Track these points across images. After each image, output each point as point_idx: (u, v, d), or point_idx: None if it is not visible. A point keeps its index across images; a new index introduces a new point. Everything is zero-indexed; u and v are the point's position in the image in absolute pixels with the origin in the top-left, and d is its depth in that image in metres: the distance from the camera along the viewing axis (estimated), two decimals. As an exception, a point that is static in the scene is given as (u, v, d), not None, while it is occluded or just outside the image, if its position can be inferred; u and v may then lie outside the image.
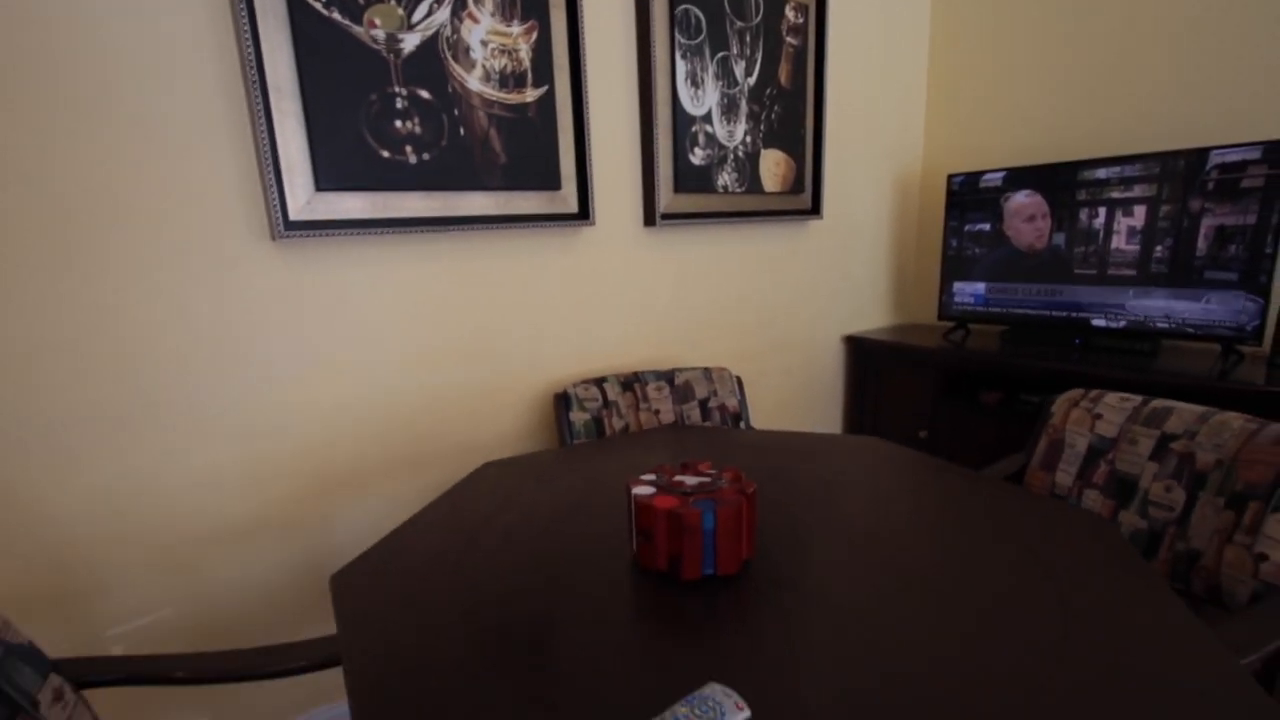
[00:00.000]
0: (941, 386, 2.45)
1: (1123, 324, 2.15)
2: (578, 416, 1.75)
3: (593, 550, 1.06)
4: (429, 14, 1.50)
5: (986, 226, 2.45)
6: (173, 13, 1.25)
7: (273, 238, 1.39)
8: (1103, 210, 2.16)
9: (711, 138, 2.09)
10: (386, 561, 1.03)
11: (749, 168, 2.21)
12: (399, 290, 1.60)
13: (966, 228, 2.51)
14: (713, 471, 1.07)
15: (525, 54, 1.66)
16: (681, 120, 2.01)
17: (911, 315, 2.98)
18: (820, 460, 1.40)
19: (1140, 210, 2.07)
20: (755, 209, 2.26)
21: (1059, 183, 2.25)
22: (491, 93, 1.62)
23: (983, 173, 2.42)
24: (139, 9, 1.23)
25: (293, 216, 1.40)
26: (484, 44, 1.59)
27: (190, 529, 1.41)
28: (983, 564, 0.97)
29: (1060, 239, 2.27)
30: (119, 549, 1.34)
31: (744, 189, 2.21)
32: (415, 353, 1.65)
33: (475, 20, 1.57)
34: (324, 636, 1.06)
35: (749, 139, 2.19)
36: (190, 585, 1.43)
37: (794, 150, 2.33)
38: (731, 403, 1.87)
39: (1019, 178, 2.34)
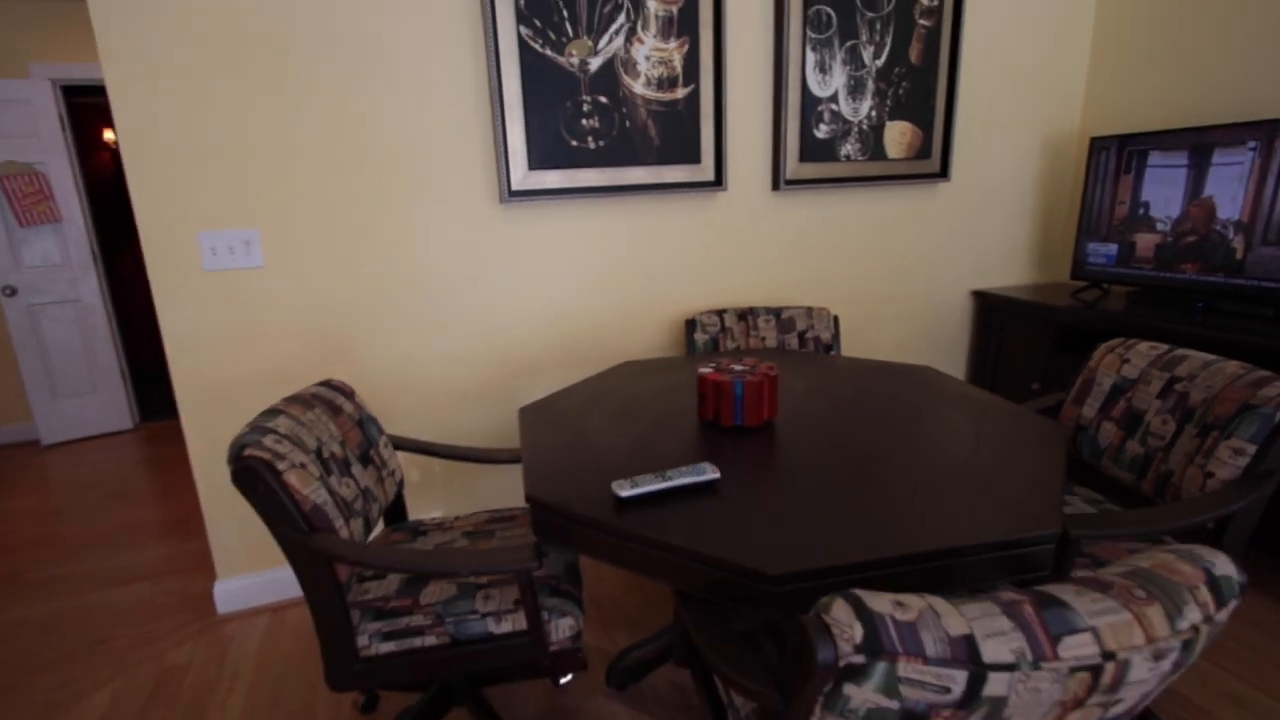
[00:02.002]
0: (1056, 342, 2.63)
1: (1246, 287, 2.20)
2: (699, 337, 2.33)
3: (679, 409, 1.66)
4: (609, 42, 2.12)
5: (1125, 188, 2.53)
6: (453, 60, 2.01)
7: (501, 201, 2.14)
8: (1240, 175, 2.20)
9: (836, 114, 2.49)
10: (550, 407, 1.73)
11: (873, 138, 2.56)
12: (579, 238, 2.29)
13: (1105, 189, 2.61)
14: (752, 363, 1.60)
15: (678, 62, 2.22)
16: (809, 102, 2.44)
17: (1053, 274, 3.08)
18: (864, 376, 1.85)
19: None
20: (878, 174, 2.61)
21: (1201, 146, 2.29)
22: (650, 94, 2.21)
23: (1128, 135, 2.50)
24: (442, 60, 2.00)
25: (514, 187, 2.14)
26: (647, 59, 2.18)
27: (443, 387, 2.26)
28: (942, 434, 1.41)
29: (1195, 203, 2.33)
30: (406, 395, 2.23)
31: (867, 157, 2.57)
32: (588, 282, 2.34)
33: (641, 42, 2.16)
34: (513, 448, 1.79)
35: (874, 113, 2.54)
36: (442, 418, 2.29)
37: (922, 120, 2.61)
38: (825, 335, 2.33)
39: (1159, 141, 2.40)
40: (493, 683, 1.76)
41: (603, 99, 2.16)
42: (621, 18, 2.12)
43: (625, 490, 1.19)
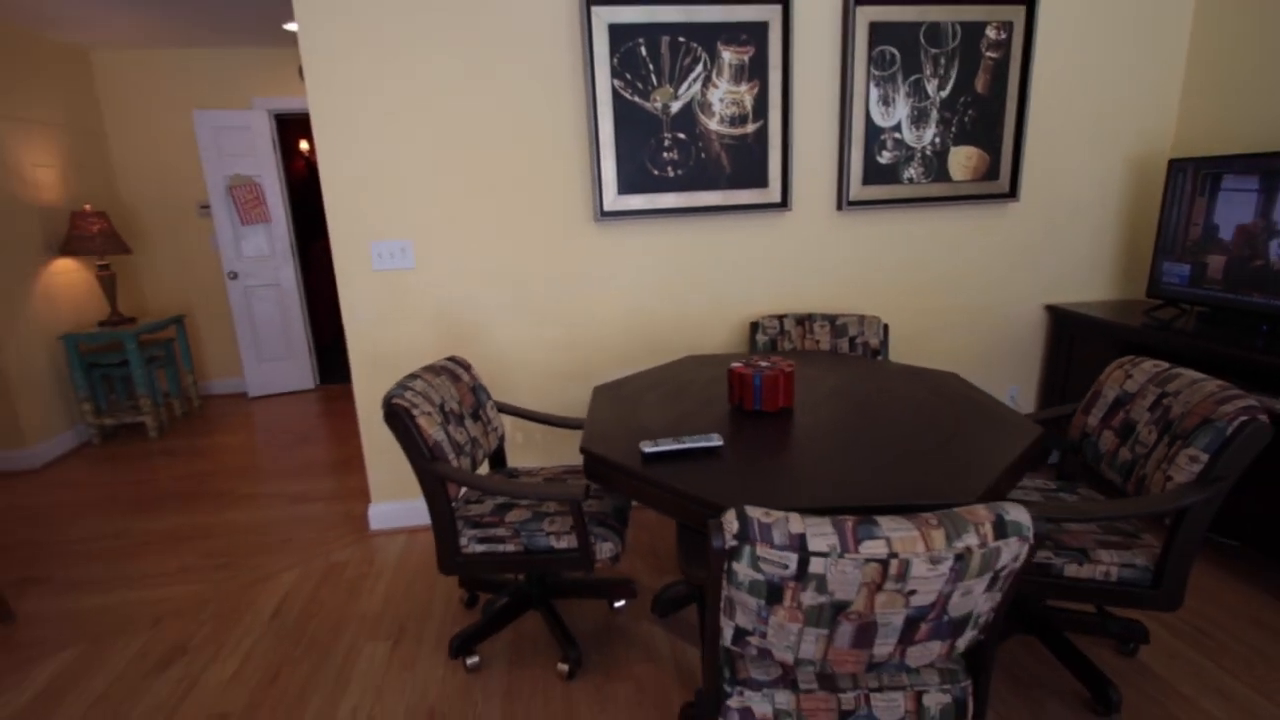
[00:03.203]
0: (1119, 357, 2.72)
1: (1302, 315, 2.23)
2: (760, 337, 2.69)
3: (718, 395, 2.05)
4: (688, 88, 2.53)
5: (1199, 210, 2.58)
6: (562, 108, 2.51)
7: (595, 220, 2.62)
8: (1300, 203, 2.23)
9: (899, 142, 2.73)
10: (618, 387, 2.18)
11: (936, 163, 2.78)
12: (659, 251, 2.73)
13: (1181, 210, 2.66)
14: (775, 361, 1.96)
15: (748, 102, 2.59)
16: (872, 131, 2.71)
17: (1133, 291, 3.11)
18: (890, 378, 2.14)
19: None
20: (941, 195, 2.82)
21: (1271, 171, 2.33)
22: (723, 129, 2.60)
23: (1204, 158, 2.55)
24: (554, 109, 2.51)
25: (605, 209, 2.61)
26: (721, 100, 2.57)
27: (540, 368, 2.79)
28: (924, 424, 1.71)
29: (1264, 227, 2.36)
30: (513, 371, 2.77)
31: (930, 179, 2.79)
32: (665, 288, 2.77)
33: (716, 87, 2.55)
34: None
35: (938, 140, 2.76)
36: (539, 392, 2.81)
37: (988, 145, 2.79)
38: (874, 341, 2.61)
39: (1232, 165, 2.45)
40: (563, 596, 2.25)
41: (681, 135, 2.58)
42: (699, 68, 2.52)
43: (649, 448, 1.61)
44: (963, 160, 2.80)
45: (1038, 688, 1.83)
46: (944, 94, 2.71)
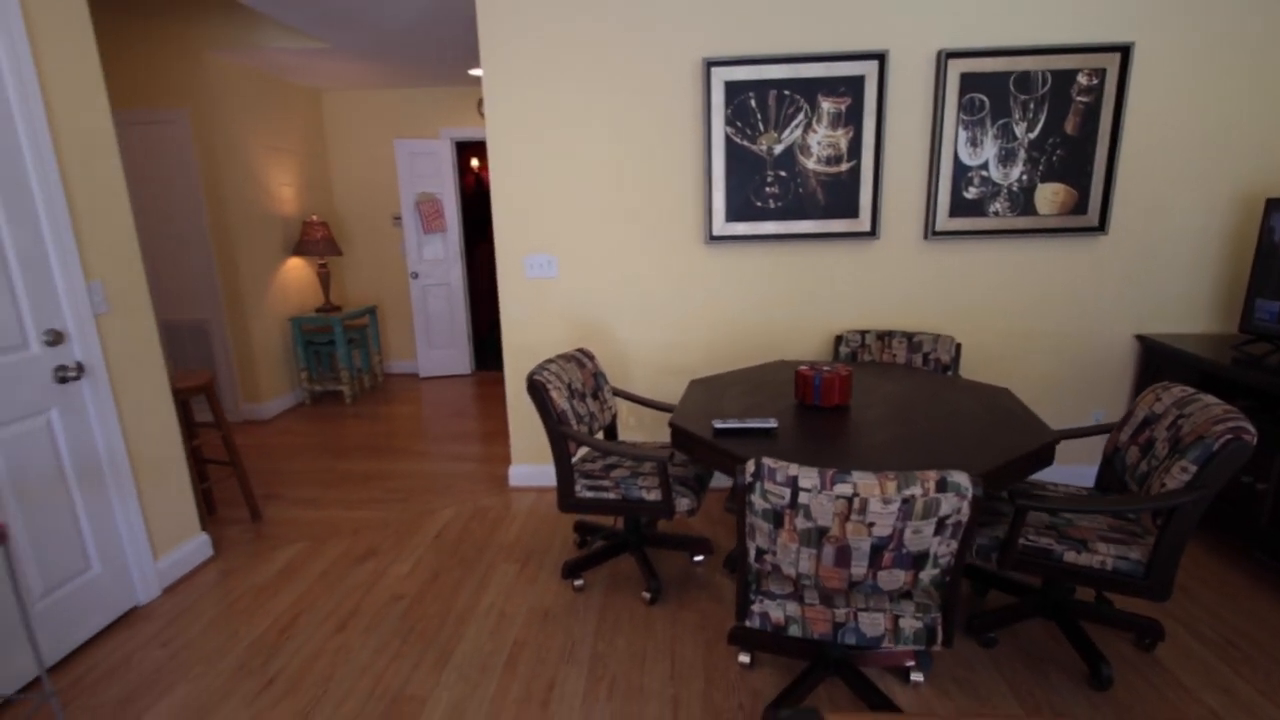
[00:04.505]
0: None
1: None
2: (843, 349, 3.08)
3: (790, 392, 2.49)
4: (790, 134, 2.98)
5: (1288, 252, 2.65)
6: (685, 151, 3.06)
7: (705, 242, 3.14)
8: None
9: (986, 179, 3.01)
10: (711, 381, 2.67)
11: (1022, 198, 3.02)
12: (758, 270, 3.19)
13: (1277, 247, 2.73)
14: (837, 366, 2.37)
15: (843, 144, 2.99)
16: (959, 169, 3.01)
17: (1229, 325, 3.13)
18: (946, 389, 2.47)
19: None
20: (1027, 228, 3.05)
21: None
22: (819, 168, 3.02)
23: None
24: (680, 152, 3.07)
25: (714, 234, 3.12)
26: (818, 143, 2.99)
27: (652, 363, 3.34)
28: (959, 426, 2.07)
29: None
30: (629, 364, 3.35)
31: (1016, 213, 3.03)
32: (762, 302, 3.23)
33: (815, 131, 2.98)
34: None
35: (1024, 177, 2.99)
36: (648, 382, 3.37)
37: (1076, 182, 2.99)
38: (945, 358, 2.91)
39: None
40: (653, 546, 2.78)
41: (782, 173, 3.03)
42: (800, 116, 2.96)
43: (719, 424, 2.10)
44: (1049, 195, 3.01)
45: (1047, 662, 2.10)
46: (1032, 135, 2.95)
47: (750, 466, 1.53)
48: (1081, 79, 2.89)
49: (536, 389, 2.35)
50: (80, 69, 2.32)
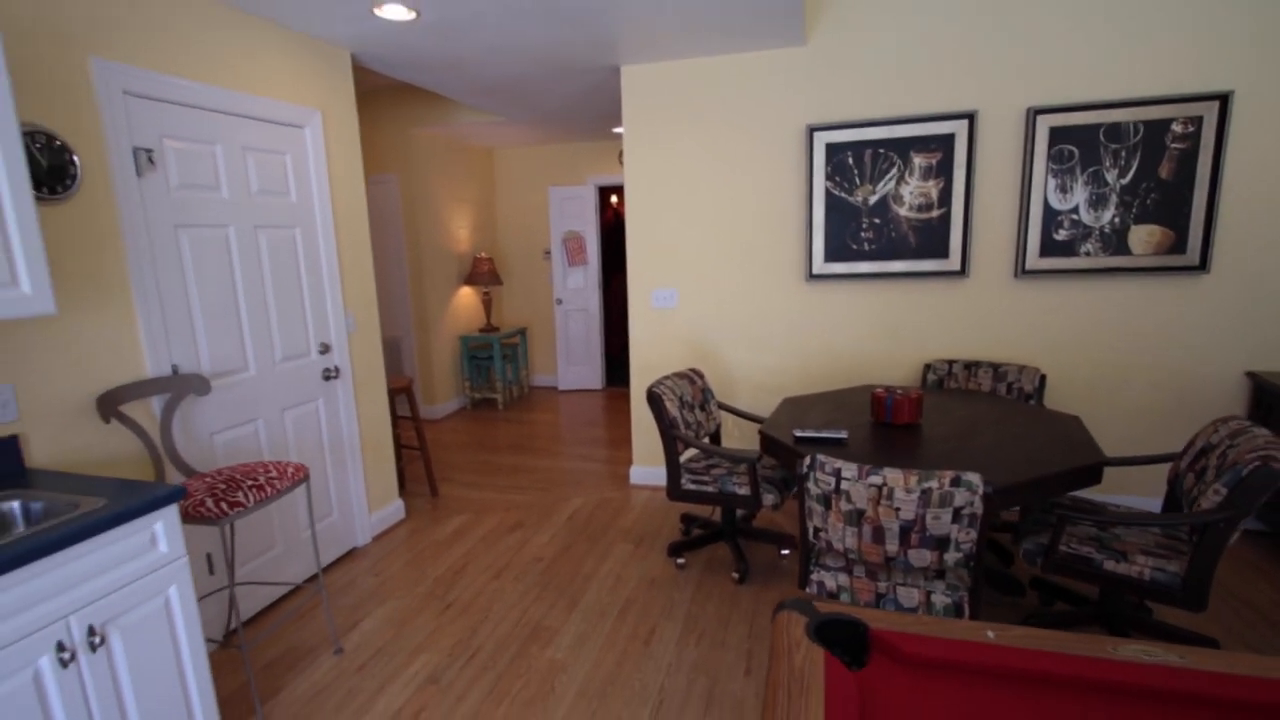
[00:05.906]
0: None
1: None
2: (930, 377, 3.38)
3: (865, 411, 2.88)
4: (884, 185, 3.38)
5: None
6: (790, 203, 3.55)
7: (805, 280, 3.59)
8: None
9: (1076, 222, 3.22)
10: (801, 399, 3.11)
11: (1115, 239, 3.19)
12: (852, 305, 3.58)
13: (1390, 293, 2.73)
14: (909, 389, 2.74)
15: (934, 194, 3.33)
16: (1049, 213, 3.24)
17: (1360, 369, 3.08)
18: (1016, 414, 2.74)
19: None
20: (1120, 266, 3.21)
21: None
22: (911, 215, 3.38)
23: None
24: (784, 204, 3.56)
25: (814, 273, 3.56)
26: (910, 194, 3.36)
27: (755, 383, 3.80)
28: (1014, 448, 2.39)
29: None
30: (738, 383, 3.84)
31: (1108, 254, 3.21)
32: (857, 333, 3.61)
33: (907, 183, 3.35)
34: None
35: (1117, 220, 3.17)
36: (751, 399, 3.83)
37: (1172, 224, 3.12)
38: (1029, 387, 3.14)
39: None
40: (746, 537, 3.24)
41: (876, 220, 3.42)
42: (893, 170, 3.35)
43: (799, 433, 2.56)
44: (1144, 236, 3.16)
45: (1095, 663, 2.33)
46: (1124, 181, 3.13)
47: (807, 460, 1.99)
48: (1176, 127, 3.04)
49: (654, 399, 2.92)
50: (348, 152, 3.25)
